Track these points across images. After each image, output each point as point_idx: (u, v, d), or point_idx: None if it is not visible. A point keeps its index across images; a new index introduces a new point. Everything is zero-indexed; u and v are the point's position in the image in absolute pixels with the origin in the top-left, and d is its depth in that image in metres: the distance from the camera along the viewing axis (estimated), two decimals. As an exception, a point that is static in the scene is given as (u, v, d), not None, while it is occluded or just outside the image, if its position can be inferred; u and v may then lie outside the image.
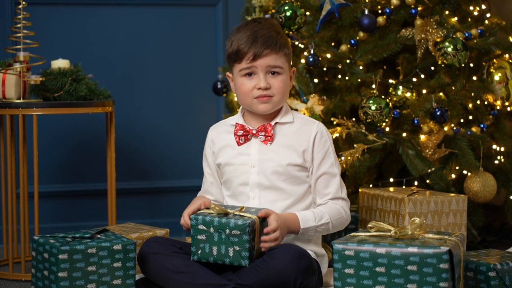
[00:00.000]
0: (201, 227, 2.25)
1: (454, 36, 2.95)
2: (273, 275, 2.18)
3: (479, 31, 3.07)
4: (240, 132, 2.43)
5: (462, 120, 3.10)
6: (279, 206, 2.39)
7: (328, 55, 3.02)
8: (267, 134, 2.42)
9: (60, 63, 3.02)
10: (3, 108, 2.85)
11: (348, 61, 3.03)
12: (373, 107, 2.85)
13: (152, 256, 2.29)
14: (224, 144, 2.48)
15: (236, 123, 2.45)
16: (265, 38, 2.36)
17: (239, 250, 2.21)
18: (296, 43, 3.06)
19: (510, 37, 3.20)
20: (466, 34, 3.02)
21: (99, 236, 2.31)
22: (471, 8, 3.18)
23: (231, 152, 2.45)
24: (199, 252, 2.26)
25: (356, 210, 2.86)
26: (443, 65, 2.94)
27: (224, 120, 2.56)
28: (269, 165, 2.41)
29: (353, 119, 2.99)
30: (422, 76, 3.07)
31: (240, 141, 2.44)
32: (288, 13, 2.95)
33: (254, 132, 2.43)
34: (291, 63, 2.47)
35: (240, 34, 2.40)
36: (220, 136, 2.50)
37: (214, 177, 2.52)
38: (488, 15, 3.22)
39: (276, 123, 2.44)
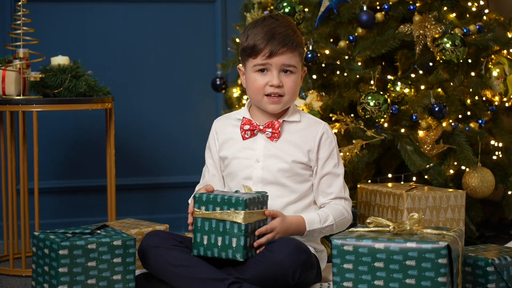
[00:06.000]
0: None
1: (452, 32, 2.95)
2: (272, 268, 2.19)
3: (477, 27, 3.08)
4: (247, 127, 2.43)
5: (460, 116, 3.11)
6: (282, 201, 2.40)
7: (327, 51, 3.02)
8: (274, 131, 2.42)
9: (60, 60, 3.02)
10: (3, 105, 2.86)
11: (346, 57, 3.03)
12: (371, 103, 2.86)
13: (153, 250, 2.29)
14: (228, 137, 2.48)
15: (243, 117, 2.46)
16: (283, 36, 2.36)
17: (237, 241, 2.22)
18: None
19: (508, 33, 3.20)
20: (465, 30, 3.02)
21: (99, 231, 2.31)
22: (469, 4, 3.18)
23: (236, 145, 2.45)
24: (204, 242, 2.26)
25: (355, 206, 2.86)
26: (441, 61, 2.95)
27: (229, 113, 2.56)
28: (274, 161, 2.41)
29: (352, 115, 3.00)
30: (421, 72, 3.07)
31: (246, 136, 2.44)
32: (286, 10, 2.96)
33: (261, 127, 2.43)
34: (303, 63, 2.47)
35: (257, 29, 2.38)
36: (224, 129, 2.50)
37: (217, 169, 2.51)
38: (486, 11, 3.22)
39: (283, 121, 2.44)
